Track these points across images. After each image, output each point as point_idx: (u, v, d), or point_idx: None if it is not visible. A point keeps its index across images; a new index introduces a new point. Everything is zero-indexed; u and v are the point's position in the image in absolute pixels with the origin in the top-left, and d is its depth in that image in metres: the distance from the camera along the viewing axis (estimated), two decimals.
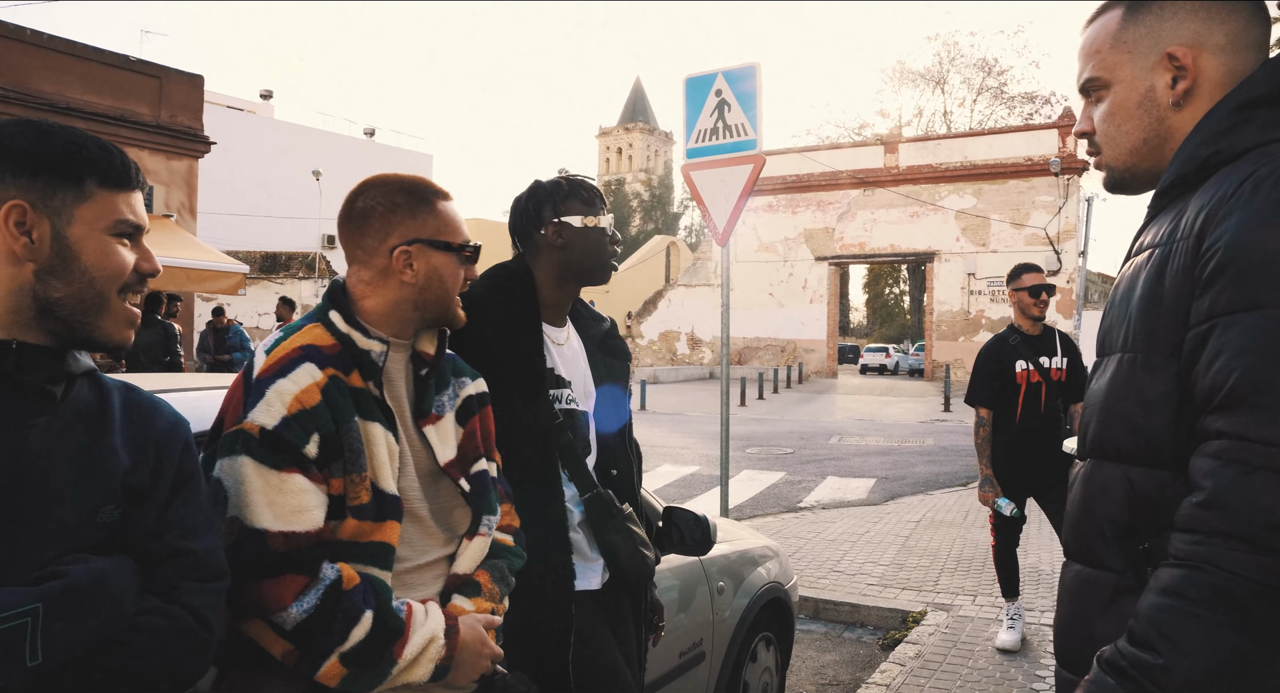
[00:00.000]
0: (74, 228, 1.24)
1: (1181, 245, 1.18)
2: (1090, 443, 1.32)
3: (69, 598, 1.13)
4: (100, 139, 1.31)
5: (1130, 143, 1.35)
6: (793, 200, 33.84)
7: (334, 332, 1.62)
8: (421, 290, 1.68)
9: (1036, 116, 43.88)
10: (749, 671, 3.59)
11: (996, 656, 4.74)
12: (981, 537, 7.50)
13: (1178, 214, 1.23)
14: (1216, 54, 1.28)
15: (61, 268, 1.23)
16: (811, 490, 10.32)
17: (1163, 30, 1.30)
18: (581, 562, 2.21)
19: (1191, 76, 1.28)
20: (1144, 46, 1.31)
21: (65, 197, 1.23)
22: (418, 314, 1.70)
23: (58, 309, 1.23)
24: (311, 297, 28.51)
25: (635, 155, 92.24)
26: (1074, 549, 1.35)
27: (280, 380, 1.51)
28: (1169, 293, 1.18)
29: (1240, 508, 1.02)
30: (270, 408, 1.48)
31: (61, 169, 1.23)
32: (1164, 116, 1.31)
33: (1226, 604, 1.01)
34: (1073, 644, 1.33)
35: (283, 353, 1.56)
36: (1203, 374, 1.11)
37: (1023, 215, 29.87)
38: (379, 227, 1.68)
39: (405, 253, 1.66)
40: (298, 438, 1.48)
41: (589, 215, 2.28)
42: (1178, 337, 1.16)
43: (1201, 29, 1.28)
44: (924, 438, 15.75)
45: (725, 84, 6.67)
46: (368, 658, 1.47)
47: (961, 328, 31.07)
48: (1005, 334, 5.01)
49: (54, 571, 1.15)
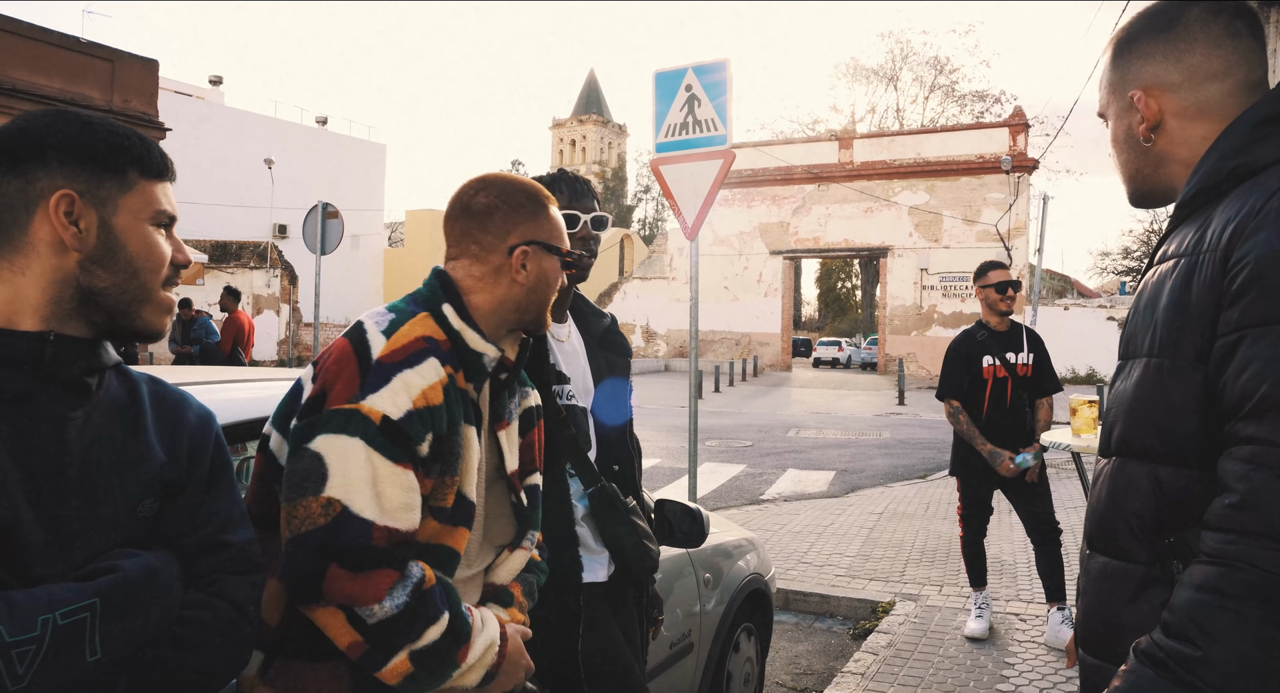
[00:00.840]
0: (119, 218, 1.24)
1: (1208, 257, 1.23)
2: (1116, 442, 1.37)
3: (124, 593, 1.13)
4: (138, 131, 1.31)
5: (1128, 171, 1.48)
6: (748, 194, 34.05)
7: (445, 326, 1.58)
8: (530, 291, 1.68)
9: (988, 115, 44.60)
10: (732, 661, 3.64)
11: (966, 644, 4.84)
12: (944, 528, 7.64)
13: (1202, 225, 1.28)
14: (1175, 91, 1.38)
15: (107, 257, 1.22)
16: (773, 483, 10.42)
17: (1130, 74, 1.42)
18: (587, 555, 2.22)
19: (1151, 117, 1.39)
20: (1119, 89, 1.45)
21: (110, 187, 1.23)
22: (517, 315, 1.69)
23: (101, 299, 1.22)
24: (264, 287, 28.08)
25: (589, 148, 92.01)
26: (1099, 542, 1.39)
27: (408, 371, 1.46)
28: (1196, 302, 1.23)
29: (1273, 510, 1.07)
30: (396, 397, 1.43)
31: (106, 160, 1.23)
32: (1145, 149, 1.42)
33: (1262, 599, 1.06)
34: (1099, 632, 1.37)
35: (407, 341, 1.50)
36: (1232, 382, 1.16)
37: (974, 212, 30.38)
38: (501, 224, 1.67)
39: (524, 252, 1.66)
40: (417, 434, 1.44)
41: (584, 212, 2.29)
42: (1205, 345, 1.21)
43: (1159, 71, 1.39)
44: (880, 431, 15.97)
45: (695, 79, 6.68)
46: (435, 659, 1.45)
47: (914, 322, 31.52)
48: (973, 329, 5.10)
49: (107, 565, 1.15)
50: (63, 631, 1.05)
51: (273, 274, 28.26)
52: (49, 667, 1.03)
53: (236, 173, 34.79)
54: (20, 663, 1.00)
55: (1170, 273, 1.30)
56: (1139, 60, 1.41)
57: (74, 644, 1.06)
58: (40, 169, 1.19)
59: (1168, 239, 1.39)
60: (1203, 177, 1.33)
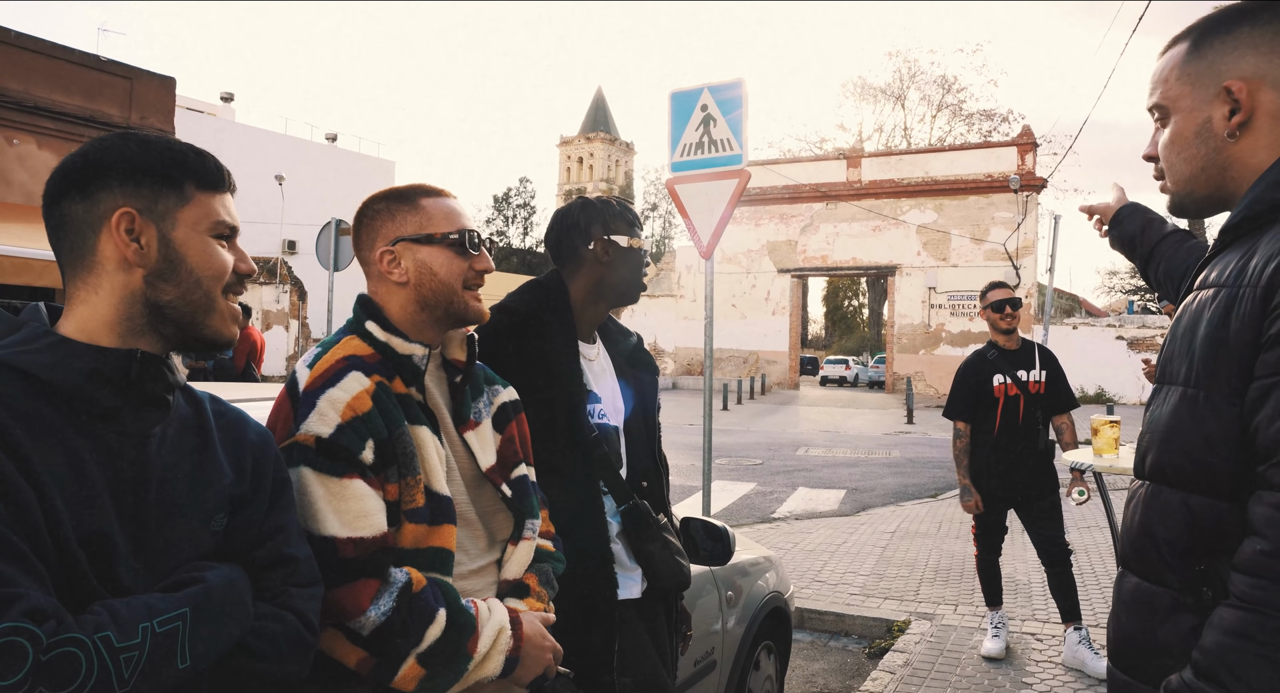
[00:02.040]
0: (178, 231, 1.28)
1: (1249, 293, 1.23)
2: (1151, 468, 1.38)
3: (211, 603, 1.18)
4: (195, 145, 1.35)
5: (1189, 170, 1.42)
6: (756, 212, 34.13)
7: (372, 341, 1.65)
8: (417, 287, 1.70)
9: (995, 134, 44.66)
10: (753, 679, 3.65)
11: (982, 663, 4.84)
12: (957, 547, 7.63)
13: (1246, 254, 1.28)
14: (1276, 88, 1.33)
15: (170, 271, 1.26)
16: (784, 501, 10.42)
17: (1223, 64, 1.36)
18: (621, 572, 2.25)
19: (1246, 110, 1.34)
20: (1204, 79, 1.38)
21: (168, 202, 1.27)
22: (426, 314, 1.71)
23: (169, 312, 1.27)
24: (273, 302, 28.19)
25: (596, 165, 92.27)
26: (1132, 563, 1.41)
27: (330, 390, 1.54)
28: (1234, 337, 1.23)
29: None
30: (324, 417, 1.51)
31: (163, 175, 1.27)
32: (1221, 147, 1.37)
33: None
34: (1130, 650, 1.40)
35: (327, 365, 1.58)
36: (1265, 426, 1.17)
37: (982, 231, 30.41)
38: (367, 237, 1.73)
39: (389, 254, 1.70)
40: (354, 444, 1.50)
41: (634, 236, 2.35)
42: (1241, 381, 1.22)
43: (1261, 63, 1.33)
44: (889, 450, 15.95)
45: (711, 98, 6.75)
46: (444, 656, 1.49)
47: (922, 341, 31.50)
48: (984, 349, 5.14)
49: (192, 577, 1.20)
50: (160, 638, 1.10)
51: (282, 290, 28.37)
52: (148, 672, 1.08)
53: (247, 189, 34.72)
54: (126, 668, 1.05)
55: (1210, 302, 1.30)
56: (1239, 48, 1.34)
57: (168, 652, 1.10)
58: (102, 191, 1.24)
59: (1210, 264, 1.38)
60: (1250, 203, 1.32)
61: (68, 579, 1.08)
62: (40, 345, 1.18)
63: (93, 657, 1.02)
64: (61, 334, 1.21)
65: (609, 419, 2.35)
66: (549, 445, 2.16)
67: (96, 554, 1.12)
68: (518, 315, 2.27)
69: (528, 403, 2.12)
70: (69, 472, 1.11)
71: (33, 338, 1.19)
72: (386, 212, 1.73)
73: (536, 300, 2.31)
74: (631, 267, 2.36)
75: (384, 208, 1.73)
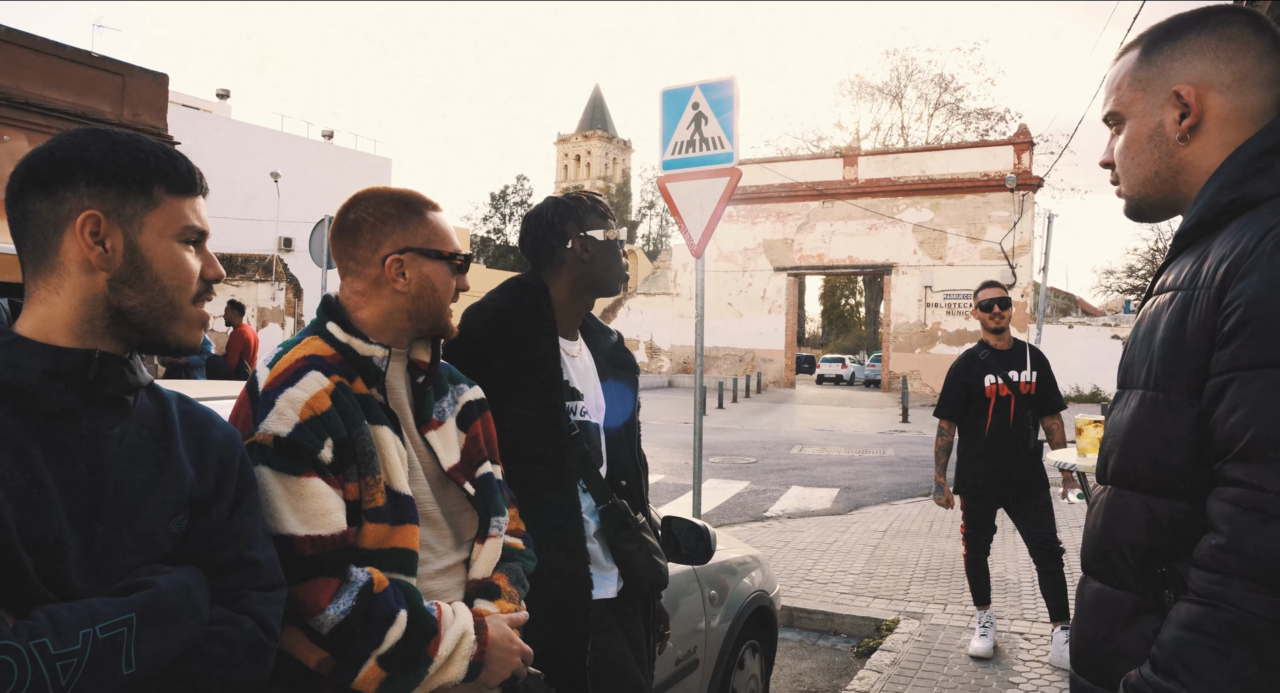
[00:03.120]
0: (145, 236, 1.25)
1: (1203, 294, 1.24)
2: (1112, 472, 1.39)
3: (160, 608, 1.16)
4: (165, 146, 1.32)
5: (1143, 174, 1.43)
6: (752, 211, 34.10)
7: (333, 342, 1.65)
8: (414, 299, 1.71)
9: (992, 133, 44.65)
10: (737, 678, 3.64)
11: (970, 662, 4.84)
12: (948, 546, 7.63)
13: (1199, 257, 1.29)
14: (1223, 92, 1.35)
15: (134, 277, 1.24)
16: (776, 500, 10.42)
17: (1172, 69, 1.38)
18: (597, 571, 2.24)
19: (1195, 114, 1.36)
20: (1155, 84, 1.39)
21: (136, 205, 1.24)
22: (411, 324, 1.72)
23: (132, 317, 1.25)
24: (268, 300, 28.16)
25: (594, 163, 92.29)
26: (1094, 568, 1.41)
27: (289, 389, 1.53)
28: (1190, 339, 1.24)
29: (1258, 554, 1.10)
30: (282, 416, 1.51)
31: (131, 177, 1.24)
32: (1173, 151, 1.39)
33: (1245, 640, 1.09)
34: (1093, 657, 1.39)
35: (287, 365, 1.58)
36: (1221, 423, 1.18)
37: (979, 230, 30.40)
38: (370, 237, 1.71)
39: (397, 261, 1.69)
40: (312, 443, 1.50)
41: (608, 229, 2.34)
42: (1198, 381, 1.23)
43: (1208, 68, 1.35)
44: (884, 448, 15.96)
45: (702, 97, 6.73)
46: (404, 659, 1.49)
47: (918, 340, 31.50)
48: (975, 349, 5.15)
49: (142, 581, 1.18)
50: (102, 645, 1.08)
51: (278, 287, 28.33)
52: (88, 679, 1.06)
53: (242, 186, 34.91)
54: (64, 675, 1.03)
55: (1167, 306, 1.32)
56: (1186, 55, 1.37)
57: (111, 658, 1.08)
58: (67, 190, 1.21)
59: (1166, 269, 1.40)
60: (1202, 207, 1.33)
61: (13, 583, 1.07)
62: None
63: (26, 664, 1.00)
64: (18, 333, 1.20)
65: (591, 417, 2.35)
66: (528, 442, 2.15)
67: (44, 558, 1.10)
68: (498, 313, 2.26)
69: (508, 400, 2.11)
70: (17, 473, 1.10)
71: None
72: (398, 218, 1.72)
73: (516, 298, 2.30)
74: (611, 259, 2.35)
75: (395, 213, 1.72)
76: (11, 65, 12.04)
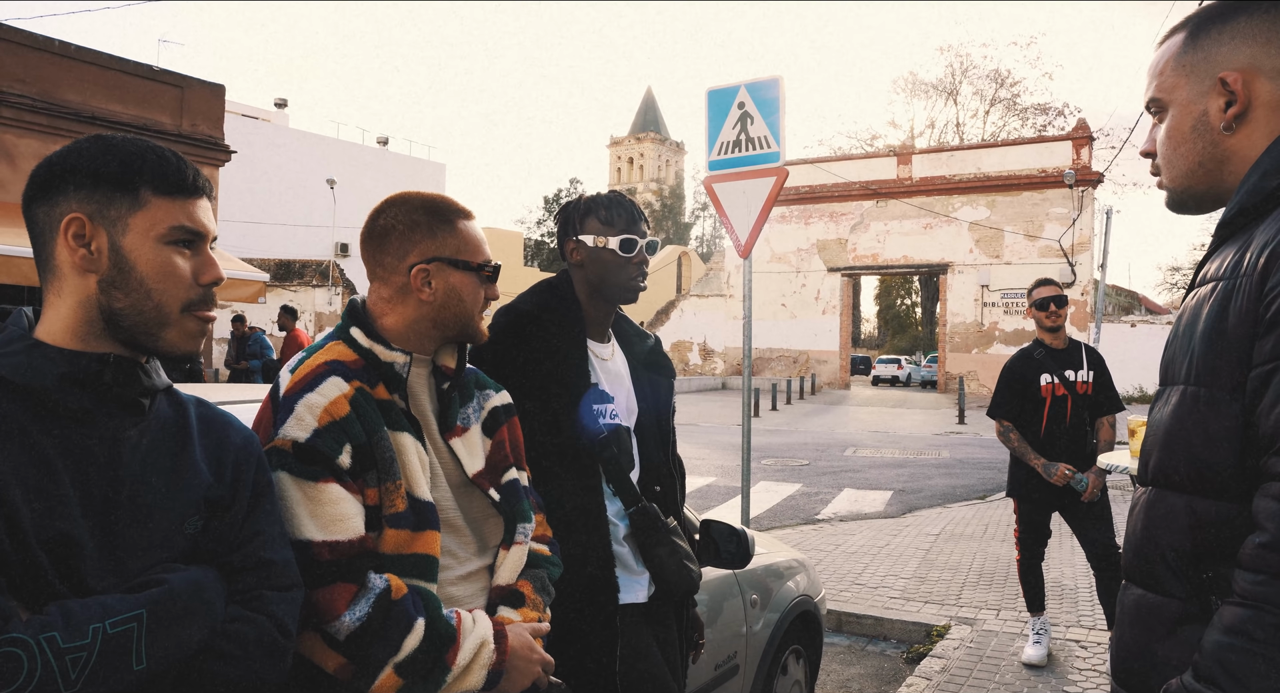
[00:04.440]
0: (128, 238, 1.25)
1: (1245, 283, 1.18)
2: (1153, 472, 1.33)
3: (170, 605, 1.17)
4: (160, 147, 1.31)
5: (1186, 165, 1.37)
6: (805, 211, 33.87)
7: (356, 347, 1.65)
8: (440, 309, 1.69)
9: (1050, 128, 43.82)
10: (779, 683, 3.60)
11: (1023, 670, 4.73)
12: (1002, 550, 7.48)
13: (1242, 246, 1.23)
14: (1273, 78, 1.28)
15: (121, 279, 1.24)
16: (829, 503, 10.31)
17: (1218, 55, 1.31)
18: (627, 575, 2.22)
19: (1242, 101, 1.29)
20: (1200, 71, 1.33)
21: (121, 207, 1.24)
22: (437, 332, 1.71)
23: (121, 320, 1.25)
24: (325, 304, 28.64)
25: (646, 165, 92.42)
26: (1136, 574, 1.35)
27: (308, 395, 1.53)
28: (1233, 330, 1.18)
29: None
30: (301, 422, 1.51)
31: (117, 179, 1.24)
32: (1217, 140, 1.32)
33: None
34: (1133, 667, 1.33)
35: (308, 370, 1.58)
36: (1265, 414, 1.12)
37: (1036, 227, 29.83)
38: (398, 244, 1.70)
39: (424, 271, 1.68)
40: (330, 449, 1.50)
41: (600, 235, 2.27)
42: (1241, 374, 1.17)
43: (1258, 53, 1.29)
44: (939, 450, 15.72)
45: (748, 96, 6.68)
46: (422, 667, 1.48)
47: (975, 340, 31.00)
48: (1030, 348, 5.01)
49: (154, 578, 1.20)
50: (112, 639, 1.10)
51: (334, 292, 28.79)
52: (98, 674, 1.08)
53: (300, 193, 35.60)
54: (73, 669, 1.05)
55: (1209, 297, 1.26)
56: (1235, 39, 1.30)
57: (122, 653, 1.10)
58: (60, 194, 1.24)
59: (1209, 260, 1.34)
60: (1245, 194, 1.27)
61: (30, 580, 1.09)
62: (15, 349, 1.20)
63: (35, 657, 1.02)
64: (36, 338, 1.23)
65: (621, 420, 2.32)
66: (554, 444, 2.14)
67: (60, 555, 1.12)
68: (525, 315, 2.26)
69: (534, 402, 2.11)
70: (33, 473, 1.12)
71: (9, 341, 1.21)
72: (427, 226, 1.70)
73: (544, 300, 2.29)
74: (604, 265, 2.26)
75: (424, 221, 1.71)
76: (77, 81, 12.41)
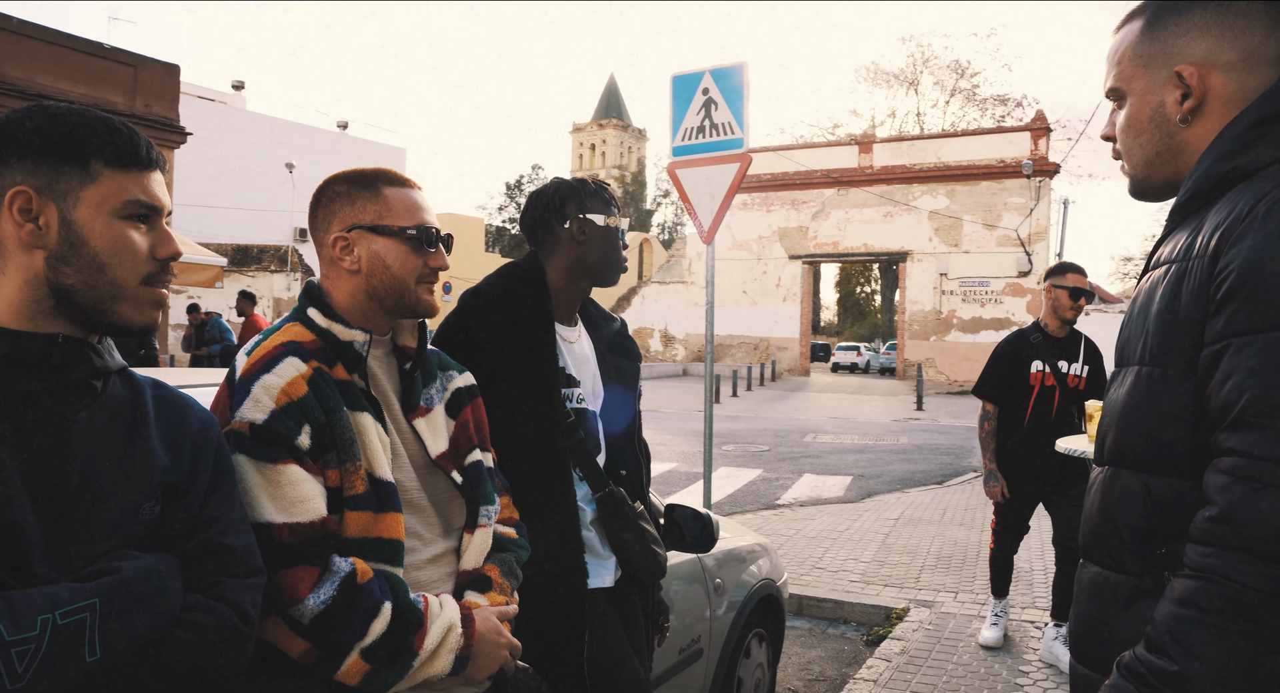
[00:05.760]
0: (80, 212, 1.20)
1: (1196, 264, 1.20)
2: (1109, 452, 1.35)
3: (125, 594, 1.13)
4: (110, 117, 1.26)
5: (1144, 155, 1.38)
6: (767, 198, 33.95)
7: (314, 328, 1.62)
8: (369, 278, 1.66)
9: (1009, 119, 44.24)
10: (743, 667, 3.62)
11: (980, 652, 4.81)
12: (960, 534, 7.59)
13: (1194, 229, 1.25)
14: (1227, 71, 1.29)
15: (71, 254, 1.19)
16: (789, 488, 10.38)
17: (1175, 47, 1.32)
18: (594, 560, 2.22)
19: (1197, 95, 1.30)
20: (1157, 63, 1.34)
21: (71, 180, 1.19)
22: (376, 304, 1.67)
23: (73, 297, 1.20)
24: (283, 290, 28.28)
25: (609, 152, 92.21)
26: (1092, 552, 1.37)
27: (265, 376, 1.51)
28: (1185, 310, 1.20)
29: (1251, 523, 1.05)
30: (258, 403, 1.48)
31: (66, 151, 1.19)
32: (1174, 132, 1.34)
33: (1239, 614, 1.05)
34: (1090, 642, 1.36)
35: (264, 352, 1.56)
36: (1216, 392, 1.14)
37: (995, 217, 30.16)
38: (323, 218, 1.69)
39: (342, 240, 1.66)
40: (289, 430, 1.47)
41: (610, 216, 2.31)
42: (1194, 353, 1.19)
43: (1213, 47, 1.29)
44: (898, 436, 15.89)
45: (712, 82, 6.66)
46: (389, 652, 1.46)
47: (934, 327, 31.32)
48: (1028, 331, 4.80)
49: (107, 567, 1.15)
50: (62, 631, 1.05)
51: (293, 278, 28.44)
52: (48, 666, 1.03)
53: (258, 177, 35.04)
54: (20, 662, 1.01)
55: (1162, 279, 1.28)
56: (1191, 32, 1.31)
57: (73, 644, 1.06)
58: (3, 167, 1.18)
59: (1162, 244, 1.36)
60: (1198, 179, 1.29)
61: None
62: None
63: None
64: None
65: (588, 404, 2.32)
66: (522, 429, 2.13)
67: (5, 544, 1.07)
68: (493, 298, 2.24)
69: (502, 385, 2.09)
70: None
71: None
72: (346, 195, 1.68)
73: (512, 283, 2.28)
74: (608, 246, 2.31)
75: (344, 191, 1.68)
76: (24, 57, 12.09)
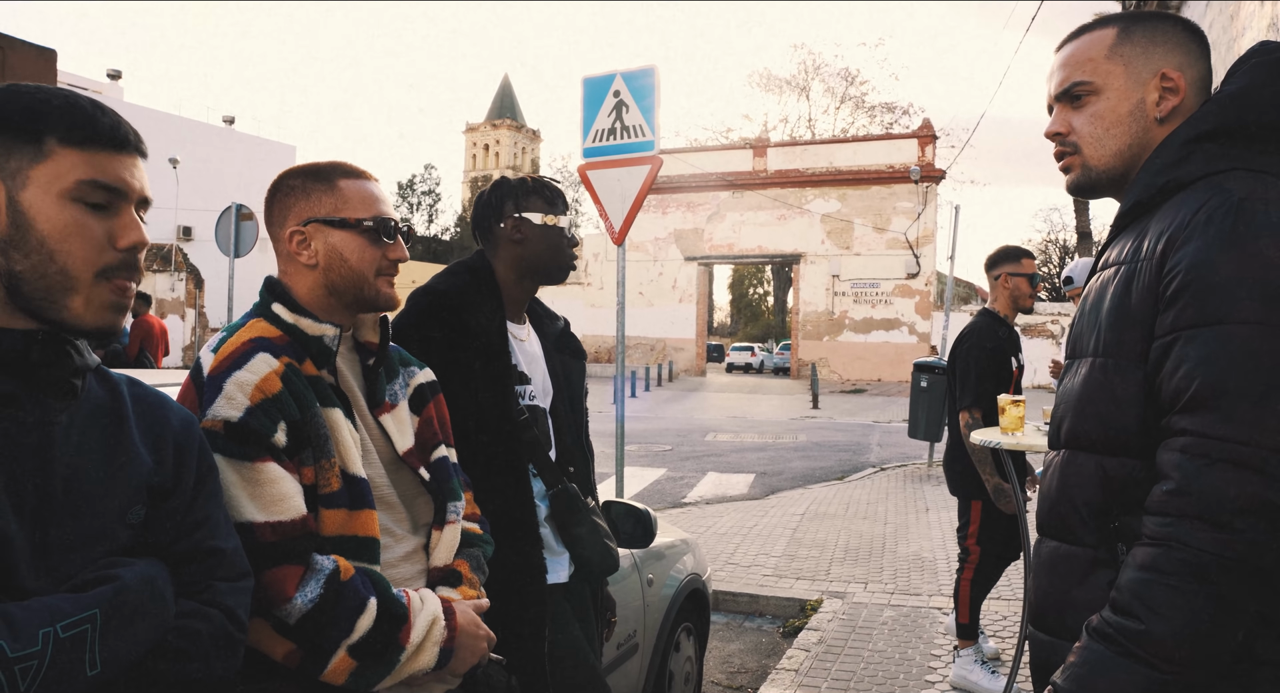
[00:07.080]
0: (27, 192, 1.11)
1: (1145, 265, 1.34)
2: (1065, 436, 1.48)
3: (124, 602, 1.08)
4: (75, 94, 1.17)
5: (1116, 146, 1.49)
6: (663, 201, 34.26)
7: (279, 323, 1.60)
8: (327, 272, 1.64)
9: (896, 126, 45.69)
10: (673, 660, 3.68)
11: (894, 637, 4.98)
12: (865, 527, 7.82)
13: (1139, 235, 1.40)
14: (1192, 84, 1.46)
15: (19, 238, 1.10)
16: (694, 486, 10.51)
17: (1155, 53, 1.46)
18: (549, 556, 2.23)
19: (1181, 95, 1.45)
20: (1139, 62, 1.47)
21: (21, 158, 1.11)
22: (335, 299, 1.66)
23: (22, 285, 1.11)
24: (167, 290, 27.21)
25: (502, 152, 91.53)
26: (1051, 528, 1.50)
27: (237, 372, 1.48)
28: (1135, 307, 1.34)
29: (1205, 495, 1.19)
30: (232, 400, 1.45)
31: (19, 127, 1.11)
32: (1149, 128, 1.47)
33: (1196, 576, 1.18)
34: (1050, 611, 1.48)
35: (232, 348, 1.52)
36: (1168, 379, 1.28)
37: (884, 220, 31.13)
38: (279, 213, 1.67)
39: (298, 234, 1.64)
40: (265, 427, 1.45)
41: (549, 214, 2.32)
42: (1144, 345, 1.33)
43: (1184, 61, 1.46)
44: (796, 434, 16.24)
45: (624, 85, 6.71)
46: (375, 648, 1.45)
47: (826, 328, 32.12)
48: (993, 325, 4.37)
49: (105, 575, 1.10)
50: (64, 644, 1.00)
51: (177, 278, 27.39)
52: (51, 682, 0.98)
53: None
54: (23, 680, 0.95)
55: (1112, 279, 1.42)
56: (1168, 43, 1.46)
57: (75, 658, 1.01)
58: None
59: (1109, 247, 1.50)
60: (1140, 190, 1.43)
61: None
62: None
63: None
64: None
65: (539, 401, 2.34)
66: (478, 427, 2.13)
67: None
68: (444, 296, 2.23)
69: (457, 383, 2.09)
70: None
71: None
72: (301, 189, 1.66)
73: (463, 281, 2.28)
74: (548, 244, 2.31)
75: (299, 185, 1.66)
76: None
